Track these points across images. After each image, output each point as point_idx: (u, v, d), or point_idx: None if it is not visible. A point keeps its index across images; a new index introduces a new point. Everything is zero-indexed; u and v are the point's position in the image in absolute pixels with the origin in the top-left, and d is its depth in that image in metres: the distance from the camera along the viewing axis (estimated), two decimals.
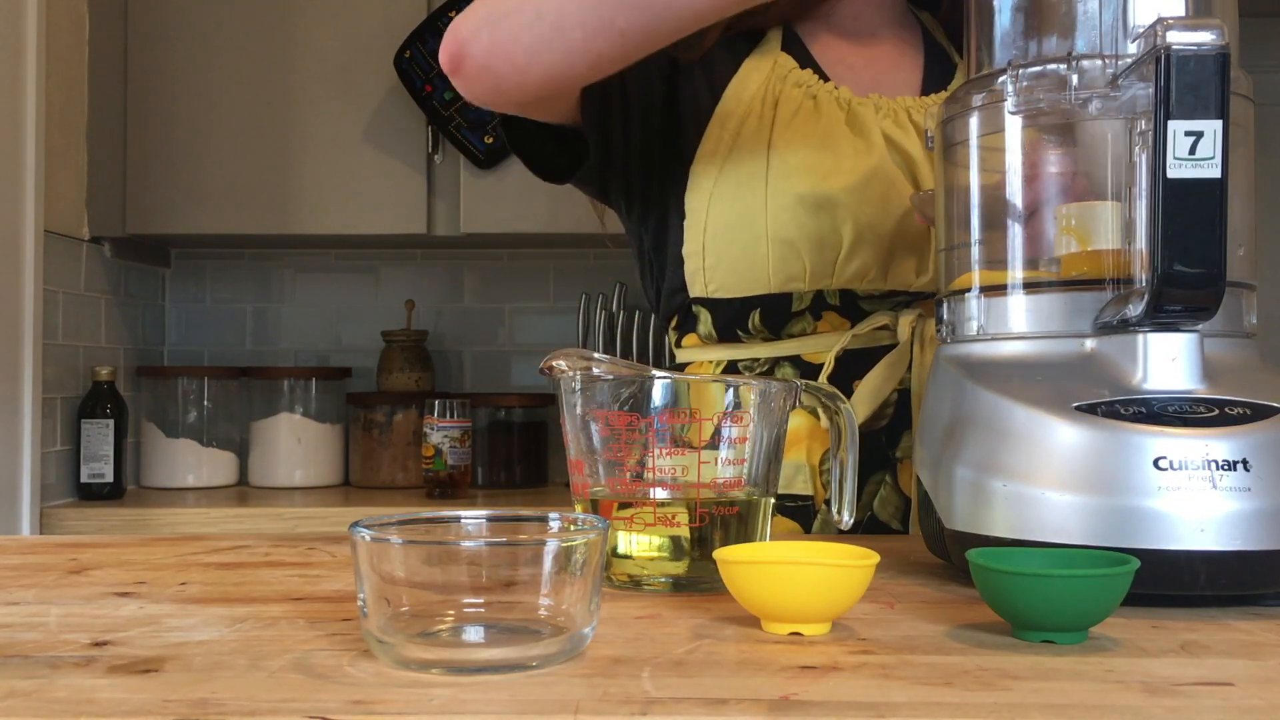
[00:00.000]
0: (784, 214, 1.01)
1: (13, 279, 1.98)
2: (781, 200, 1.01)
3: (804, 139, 1.04)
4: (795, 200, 1.01)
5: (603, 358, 0.72)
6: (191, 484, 2.41)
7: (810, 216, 1.01)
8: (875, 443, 1.02)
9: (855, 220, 1.01)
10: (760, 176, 1.03)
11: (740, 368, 1.07)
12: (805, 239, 1.02)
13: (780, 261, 1.02)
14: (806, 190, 1.01)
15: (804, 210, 1.01)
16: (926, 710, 0.45)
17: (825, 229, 1.01)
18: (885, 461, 1.02)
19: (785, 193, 1.01)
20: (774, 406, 0.72)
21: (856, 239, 1.01)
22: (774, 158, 1.03)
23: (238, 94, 2.34)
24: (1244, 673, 0.51)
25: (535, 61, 0.93)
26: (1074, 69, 0.70)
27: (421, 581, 0.52)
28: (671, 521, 0.69)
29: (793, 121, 1.05)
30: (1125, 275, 0.70)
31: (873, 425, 1.02)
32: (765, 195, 1.02)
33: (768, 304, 1.04)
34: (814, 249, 1.02)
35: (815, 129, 1.04)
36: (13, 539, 0.93)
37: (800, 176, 1.02)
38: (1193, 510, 0.62)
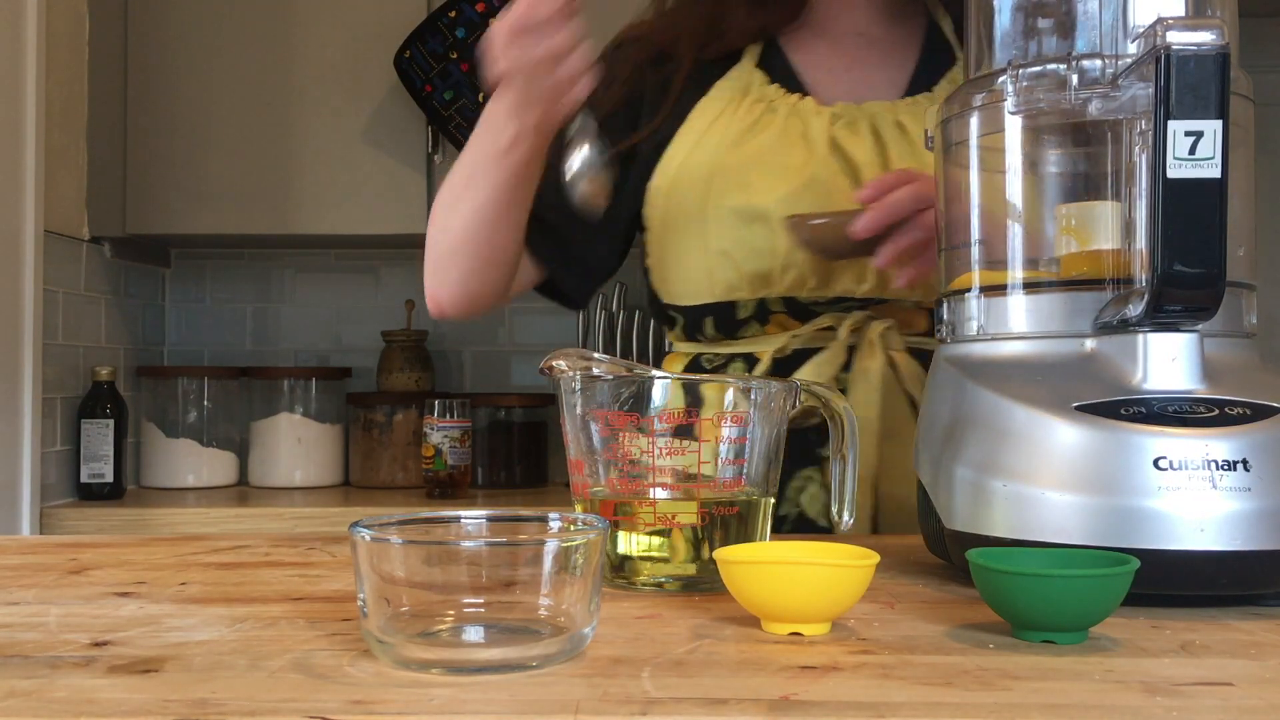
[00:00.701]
0: (720, 227, 1.05)
1: (13, 279, 1.98)
2: (718, 214, 1.05)
3: (748, 153, 1.06)
4: (730, 213, 1.05)
5: (603, 358, 0.72)
6: (191, 484, 2.41)
7: (745, 229, 1.05)
8: (803, 440, 1.02)
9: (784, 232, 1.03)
10: (702, 191, 1.07)
11: (702, 362, 1.12)
12: (741, 251, 1.05)
13: (721, 273, 1.06)
14: (740, 204, 1.05)
15: (739, 223, 1.05)
16: (926, 710, 0.45)
17: (760, 241, 1.04)
18: (813, 459, 1.03)
19: (721, 206, 1.05)
20: (774, 406, 0.72)
21: (790, 250, 1.03)
22: (716, 173, 1.06)
23: (238, 94, 2.34)
24: (1244, 673, 0.51)
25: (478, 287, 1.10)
26: (1074, 69, 0.70)
27: (421, 581, 0.52)
28: (671, 521, 0.69)
29: (741, 136, 1.07)
30: (1125, 275, 0.70)
31: (803, 423, 1.01)
32: (705, 209, 1.06)
33: (716, 311, 1.09)
34: (750, 260, 1.05)
35: (762, 143, 1.06)
36: (13, 539, 0.93)
37: (736, 191, 1.05)
38: (1193, 510, 0.62)
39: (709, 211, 1.06)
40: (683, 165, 1.08)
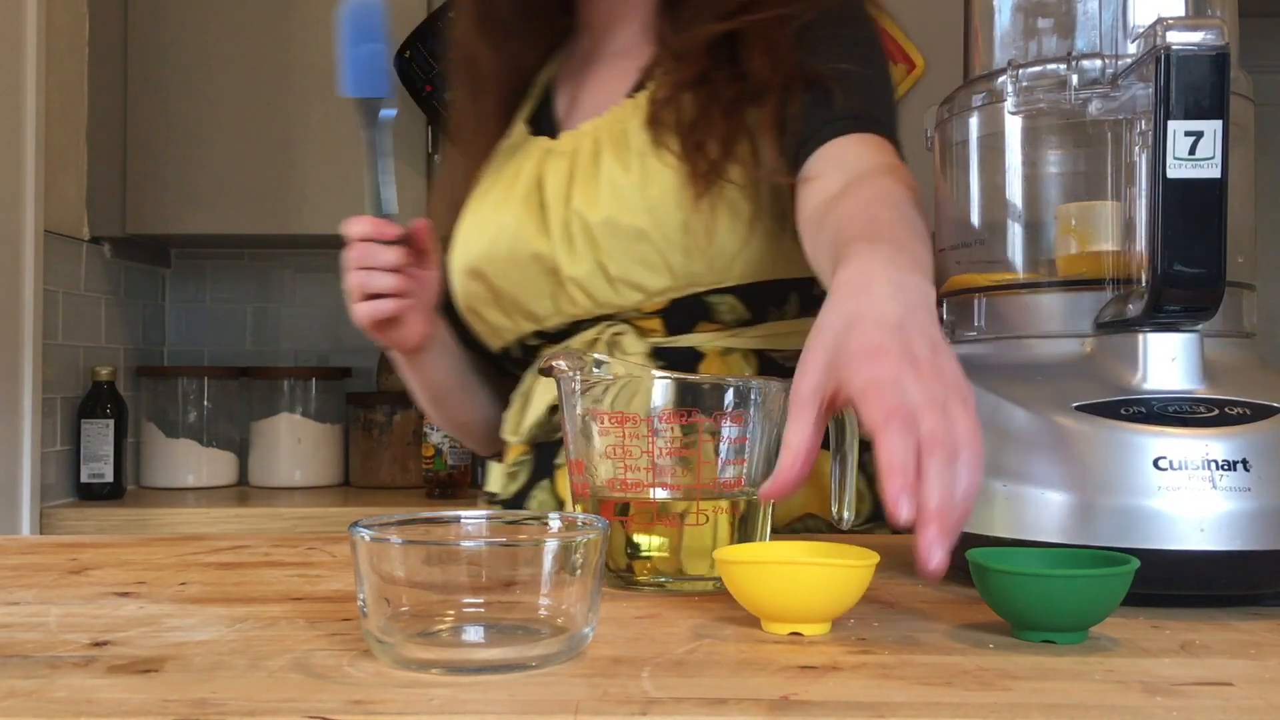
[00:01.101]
0: (460, 287, 1.09)
1: (13, 279, 1.98)
2: (459, 277, 1.09)
3: (476, 211, 1.09)
4: (460, 273, 1.08)
5: (603, 358, 0.72)
6: (191, 484, 2.41)
7: (471, 283, 1.07)
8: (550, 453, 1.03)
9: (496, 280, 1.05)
10: (450, 257, 1.10)
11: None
12: (480, 304, 1.08)
13: (478, 326, 1.10)
14: (463, 263, 1.08)
15: (467, 279, 1.08)
16: (926, 710, 0.45)
17: (482, 292, 1.07)
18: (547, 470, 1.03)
19: (457, 269, 1.09)
20: (774, 406, 0.72)
21: (504, 295, 1.05)
22: (457, 238, 1.09)
23: (238, 94, 2.34)
24: (1244, 673, 0.51)
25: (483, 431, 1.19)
26: (1074, 69, 0.70)
27: (421, 581, 0.52)
28: (672, 521, 0.69)
29: (480, 195, 1.10)
30: (1125, 275, 0.70)
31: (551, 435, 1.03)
32: (454, 272, 1.10)
33: (504, 357, 1.12)
34: (488, 310, 1.07)
35: (490, 198, 1.08)
36: (13, 539, 0.93)
37: (460, 252, 1.08)
38: (1192, 510, 0.62)
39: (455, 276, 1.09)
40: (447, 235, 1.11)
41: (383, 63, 1.02)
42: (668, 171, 0.97)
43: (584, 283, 1.01)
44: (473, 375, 1.17)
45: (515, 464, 1.06)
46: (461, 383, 1.16)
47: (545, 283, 1.03)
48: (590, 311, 1.02)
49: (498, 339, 1.09)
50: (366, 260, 1.02)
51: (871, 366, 0.58)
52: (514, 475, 1.07)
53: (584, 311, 1.03)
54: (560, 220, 1.01)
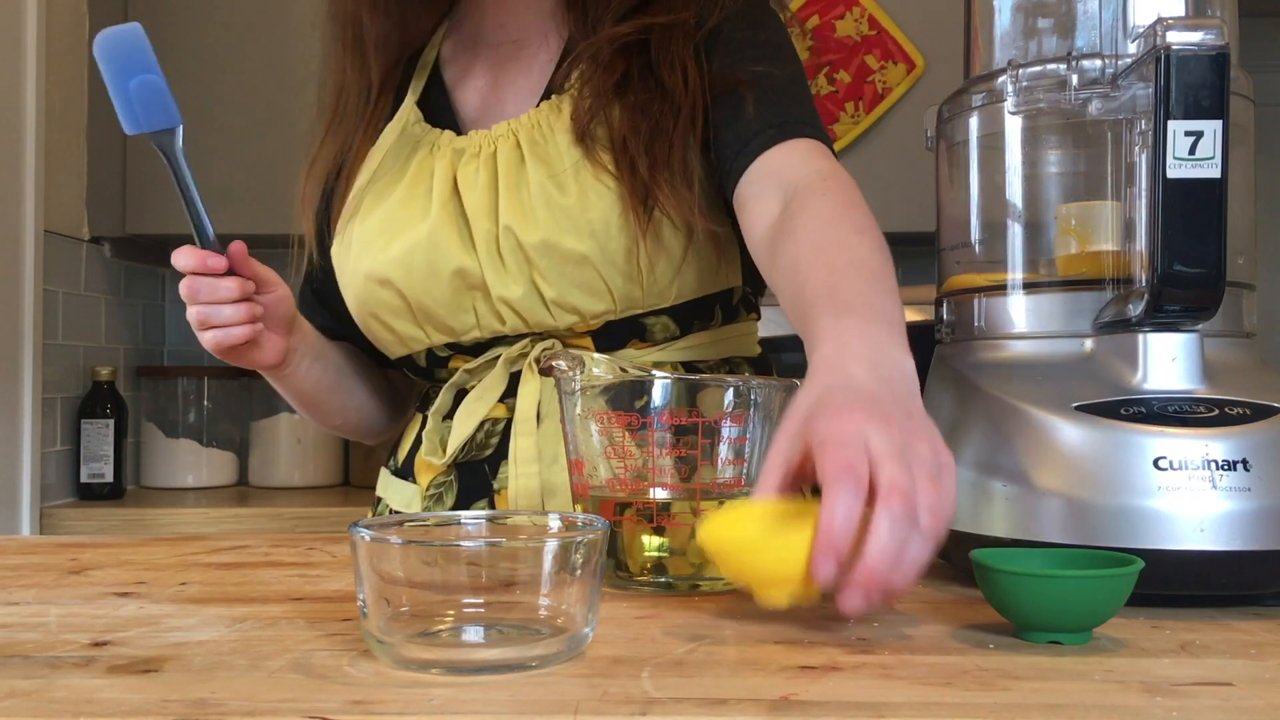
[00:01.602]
0: (365, 292, 1.01)
1: (13, 279, 1.98)
2: (359, 280, 1.01)
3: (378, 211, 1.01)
4: (364, 277, 1.00)
5: (602, 358, 0.72)
6: (191, 484, 2.41)
7: (379, 290, 0.99)
8: (478, 473, 0.99)
9: (410, 290, 0.98)
10: (349, 252, 1.02)
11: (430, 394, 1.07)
12: (386, 312, 1.00)
13: (380, 333, 1.03)
14: (369, 266, 0.99)
15: (376, 286, 1.00)
16: (926, 710, 0.45)
17: (393, 300, 0.99)
18: (485, 491, 0.99)
19: (359, 272, 1.00)
20: (774, 406, 0.72)
21: (418, 306, 0.99)
22: (355, 233, 1.02)
23: (238, 94, 2.34)
24: (1244, 673, 0.51)
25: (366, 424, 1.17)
26: (1074, 69, 0.70)
27: (421, 581, 0.52)
28: (672, 521, 0.69)
29: (380, 190, 1.02)
30: (1125, 275, 0.70)
31: (477, 455, 0.99)
32: (351, 275, 1.02)
33: (404, 363, 1.06)
34: (396, 319, 1.00)
35: (392, 196, 1.01)
36: (13, 539, 0.93)
37: (364, 252, 1.00)
38: (1192, 510, 0.62)
39: (354, 278, 1.01)
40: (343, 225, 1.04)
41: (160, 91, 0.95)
42: (608, 194, 0.93)
43: (516, 304, 0.96)
44: (349, 375, 1.12)
45: (438, 485, 1.01)
46: (337, 384, 1.10)
47: (467, 299, 0.97)
48: (517, 329, 0.98)
49: (401, 348, 1.03)
50: (205, 295, 0.96)
51: (835, 423, 0.56)
52: (438, 497, 1.01)
53: (511, 330, 0.98)
54: (486, 236, 0.95)
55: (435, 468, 1.01)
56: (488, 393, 0.99)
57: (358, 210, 1.03)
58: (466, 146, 1.00)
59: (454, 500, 1.00)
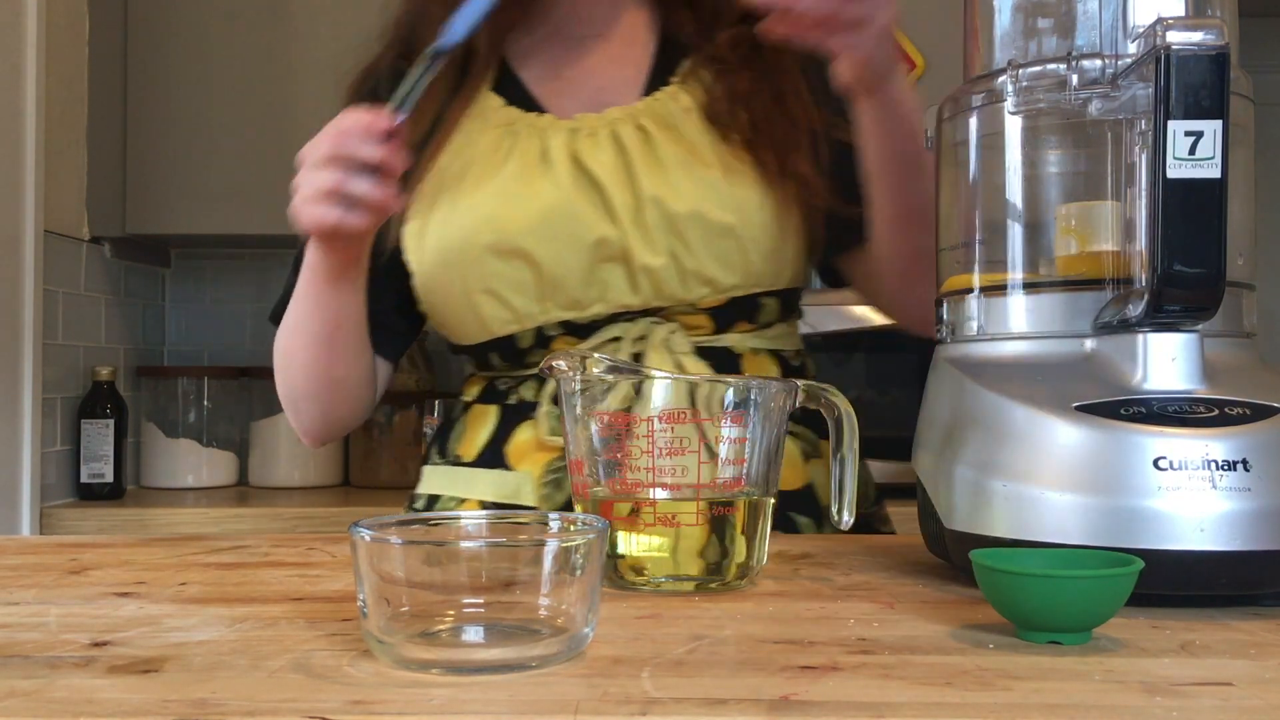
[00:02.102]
0: (478, 266, 1.01)
1: (13, 279, 1.98)
2: (473, 253, 1.01)
3: (492, 185, 1.02)
4: (485, 251, 1.01)
5: (603, 358, 0.72)
6: (191, 484, 2.41)
7: (503, 264, 1.00)
8: None
9: (545, 262, 0.99)
10: (452, 232, 1.02)
11: (497, 385, 1.08)
12: (505, 286, 1.01)
13: (488, 310, 1.03)
14: (493, 239, 1.00)
15: (496, 259, 1.00)
16: (926, 710, 0.45)
17: (520, 274, 1.00)
18: None
19: (475, 245, 1.01)
20: (774, 406, 0.72)
21: (550, 279, 1.00)
22: (462, 210, 1.02)
23: (238, 94, 2.34)
24: (1244, 673, 0.51)
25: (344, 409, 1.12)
26: (1074, 69, 0.70)
27: (421, 581, 0.52)
28: (671, 521, 0.69)
29: (485, 168, 1.03)
30: (1125, 275, 0.70)
31: None
32: (458, 251, 1.02)
33: (497, 347, 1.05)
34: (515, 294, 1.01)
35: (505, 171, 1.02)
36: (13, 539, 0.93)
37: (486, 227, 1.01)
38: (1192, 510, 0.62)
39: (463, 253, 1.01)
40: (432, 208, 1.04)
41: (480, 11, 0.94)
42: (748, 172, 0.99)
43: (657, 273, 0.98)
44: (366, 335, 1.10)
45: (554, 470, 1.00)
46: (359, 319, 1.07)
47: (603, 270, 0.99)
48: (646, 303, 1.00)
49: (510, 325, 1.03)
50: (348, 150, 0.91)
51: None
52: (556, 483, 1.00)
53: (640, 303, 1.00)
54: (627, 206, 0.98)
55: (550, 453, 1.01)
56: None
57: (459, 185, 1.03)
58: (580, 127, 1.03)
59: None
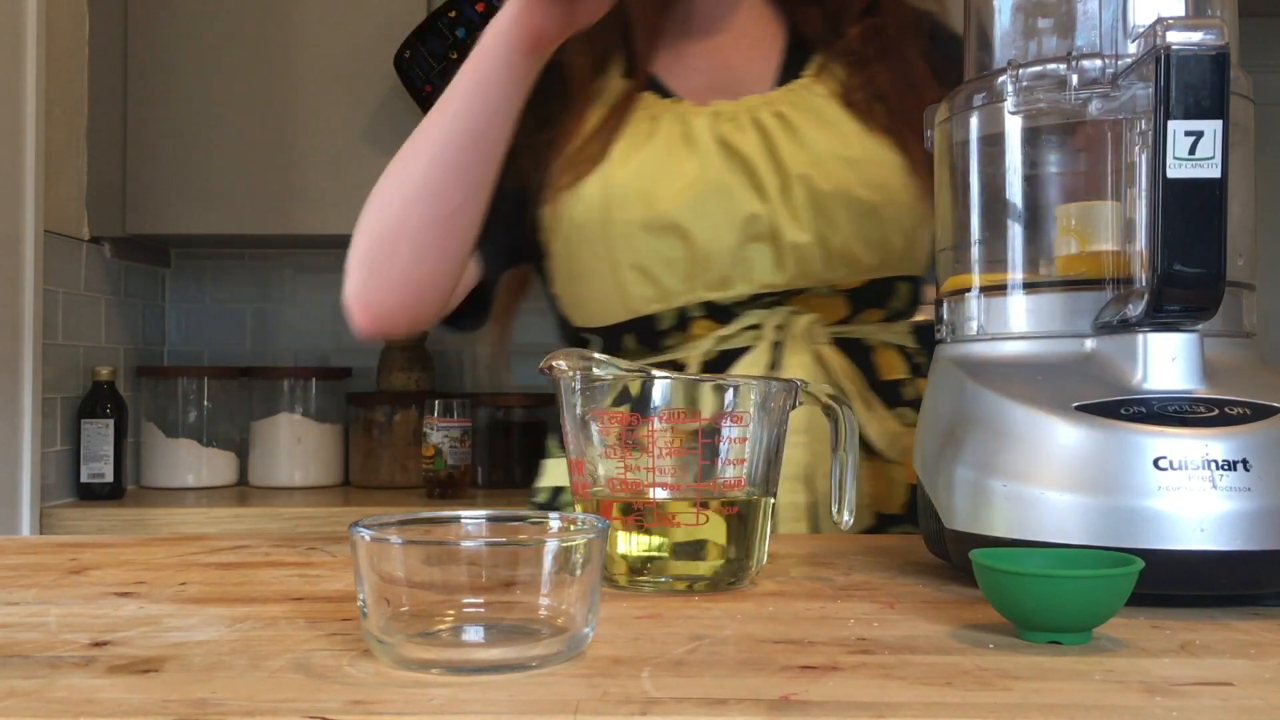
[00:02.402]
0: (627, 242, 1.03)
1: (13, 279, 1.98)
2: (623, 229, 1.02)
3: (639, 163, 1.04)
4: (636, 227, 1.02)
5: (603, 358, 0.72)
6: (191, 484, 2.41)
7: (654, 240, 1.02)
8: None
9: (698, 237, 1.01)
10: (599, 210, 1.04)
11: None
12: (654, 263, 1.03)
13: (634, 288, 1.04)
14: (644, 215, 1.02)
15: (646, 235, 1.02)
16: (926, 710, 0.45)
17: (671, 250, 1.02)
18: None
19: (625, 221, 1.02)
20: (774, 406, 0.72)
21: (703, 255, 1.02)
22: (610, 189, 1.03)
23: (238, 94, 2.34)
24: (1244, 673, 0.51)
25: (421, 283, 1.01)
26: (1074, 69, 0.70)
27: (421, 581, 0.52)
28: (672, 521, 0.69)
29: (629, 147, 1.05)
30: (1125, 275, 0.70)
31: None
32: (606, 227, 1.03)
33: (636, 327, 1.06)
34: (664, 271, 1.03)
35: (651, 151, 1.04)
36: (13, 539, 0.93)
37: (637, 203, 1.02)
38: (1193, 510, 0.62)
39: (612, 229, 1.03)
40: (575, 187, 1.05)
41: None
42: (891, 156, 1.02)
43: (803, 251, 1.00)
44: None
45: None
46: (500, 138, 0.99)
47: (750, 248, 1.01)
48: (790, 282, 1.02)
49: (654, 303, 1.04)
50: None
51: None
52: None
53: (784, 282, 1.02)
54: (776, 185, 1.00)
55: None
56: (758, 360, 1.02)
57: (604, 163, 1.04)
58: (720, 111, 1.05)
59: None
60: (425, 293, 1.02)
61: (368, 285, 1.02)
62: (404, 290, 1.01)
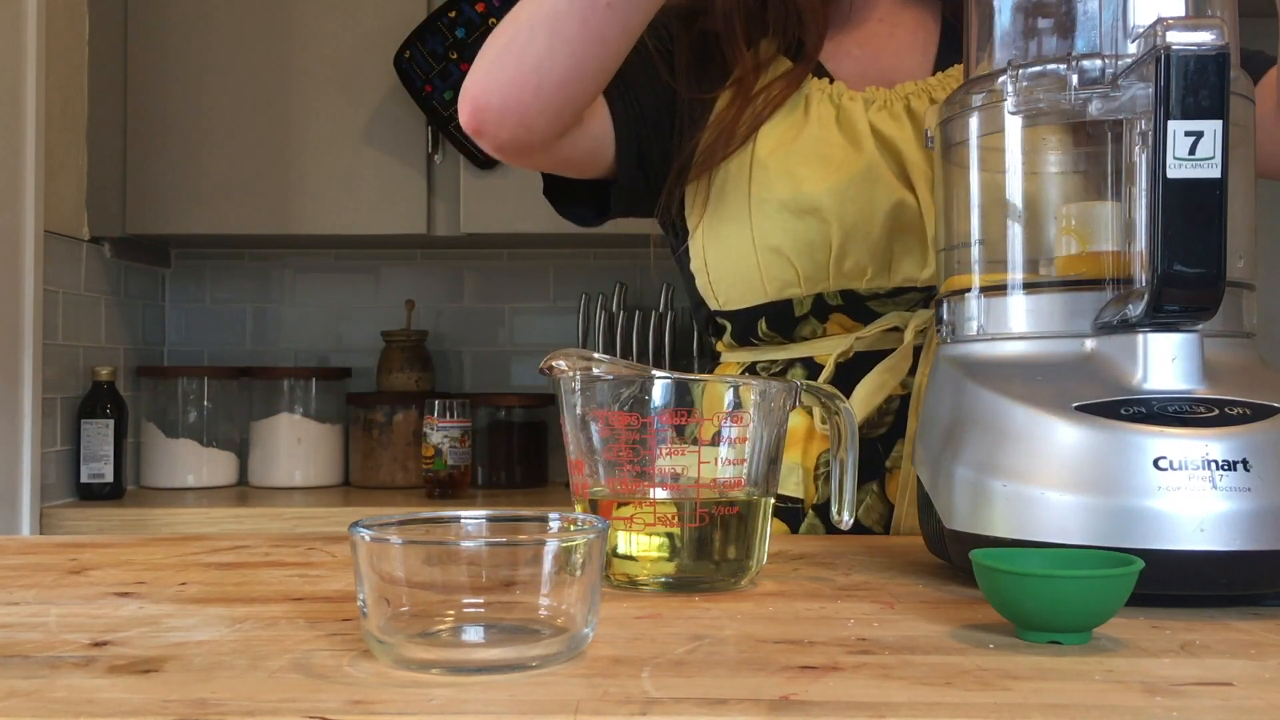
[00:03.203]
0: (769, 222, 1.02)
1: (13, 279, 1.98)
2: (765, 209, 1.02)
3: (788, 143, 1.03)
4: (779, 207, 1.01)
5: (603, 358, 0.72)
6: (191, 484, 2.41)
7: (796, 221, 1.01)
8: (871, 451, 1.00)
9: (841, 222, 1.00)
10: (744, 186, 1.03)
11: (758, 369, 1.08)
12: (793, 245, 1.01)
13: (772, 269, 1.03)
14: (788, 195, 1.01)
15: (789, 216, 1.01)
16: (926, 710, 0.45)
17: (813, 233, 1.01)
18: (876, 471, 1.01)
19: (768, 200, 1.01)
20: (774, 406, 0.72)
21: (845, 240, 1.00)
22: (756, 166, 1.03)
23: (238, 94, 2.34)
24: (1244, 673, 0.51)
25: (549, 77, 0.92)
26: (1074, 69, 0.70)
27: (421, 581, 0.52)
28: (671, 521, 0.69)
29: (777, 126, 1.04)
30: (1125, 275, 0.70)
31: (870, 433, 1.00)
32: (749, 205, 1.02)
33: (771, 311, 1.05)
34: (803, 254, 1.01)
35: (800, 131, 1.04)
36: (13, 539, 0.93)
37: (782, 182, 1.02)
38: (1193, 510, 0.62)
39: (754, 206, 1.02)
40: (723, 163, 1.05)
41: None
42: None
43: None
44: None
45: (826, 463, 0.99)
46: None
47: (898, 239, 1.00)
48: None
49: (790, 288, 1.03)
50: None
51: None
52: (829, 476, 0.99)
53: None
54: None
55: (824, 443, 1.01)
56: (900, 364, 1.00)
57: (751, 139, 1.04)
58: (873, 99, 1.05)
59: None
60: (546, 88, 0.93)
61: (493, 67, 0.94)
62: (528, 79, 0.93)
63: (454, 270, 2.66)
